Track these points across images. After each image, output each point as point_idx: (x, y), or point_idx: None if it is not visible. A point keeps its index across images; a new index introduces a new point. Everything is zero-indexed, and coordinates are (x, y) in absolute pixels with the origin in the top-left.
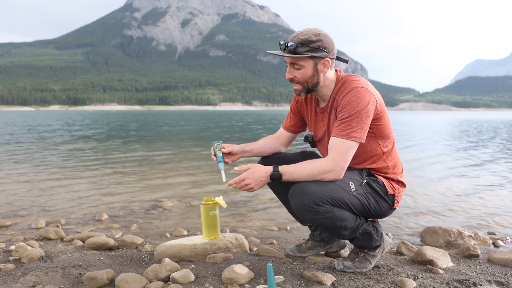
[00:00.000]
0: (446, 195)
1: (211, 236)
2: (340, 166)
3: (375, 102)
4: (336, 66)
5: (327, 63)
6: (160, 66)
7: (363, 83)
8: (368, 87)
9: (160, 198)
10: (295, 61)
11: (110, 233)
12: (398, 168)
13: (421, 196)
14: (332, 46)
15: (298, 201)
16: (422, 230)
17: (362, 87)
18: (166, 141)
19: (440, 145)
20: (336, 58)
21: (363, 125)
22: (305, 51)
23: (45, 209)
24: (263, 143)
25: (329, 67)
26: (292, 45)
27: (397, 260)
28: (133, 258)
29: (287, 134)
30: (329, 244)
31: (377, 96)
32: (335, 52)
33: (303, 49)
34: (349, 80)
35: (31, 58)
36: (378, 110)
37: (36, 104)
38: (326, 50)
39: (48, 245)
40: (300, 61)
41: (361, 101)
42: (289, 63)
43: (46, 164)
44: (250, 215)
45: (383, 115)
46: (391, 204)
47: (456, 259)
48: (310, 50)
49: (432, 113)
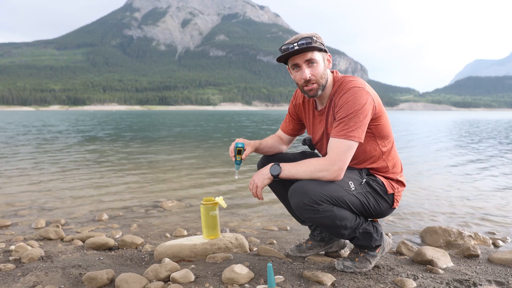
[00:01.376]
0: (446, 195)
1: (211, 236)
2: (338, 166)
3: (372, 102)
4: (332, 67)
5: (330, 58)
6: (160, 66)
7: (359, 83)
8: (365, 87)
9: (160, 198)
10: (312, 56)
11: (110, 233)
12: (397, 168)
13: (421, 196)
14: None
15: (298, 200)
16: (422, 230)
17: (359, 87)
18: (168, 141)
19: (440, 145)
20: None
21: (360, 124)
22: (316, 45)
23: (45, 209)
24: (271, 143)
25: (331, 63)
26: (304, 42)
27: (397, 260)
28: (133, 258)
29: (287, 136)
30: (329, 244)
31: (374, 96)
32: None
33: (315, 43)
34: (345, 81)
35: (31, 58)
36: (376, 110)
37: (36, 104)
38: (325, 48)
39: (48, 245)
40: (315, 55)
41: (358, 101)
42: (304, 62)
43: (46, 163)
44: (250, 215)
45: (381, 115)
46: (391, 203)
47: (456, 259)
48: (319, 44)
49: (432, 113)
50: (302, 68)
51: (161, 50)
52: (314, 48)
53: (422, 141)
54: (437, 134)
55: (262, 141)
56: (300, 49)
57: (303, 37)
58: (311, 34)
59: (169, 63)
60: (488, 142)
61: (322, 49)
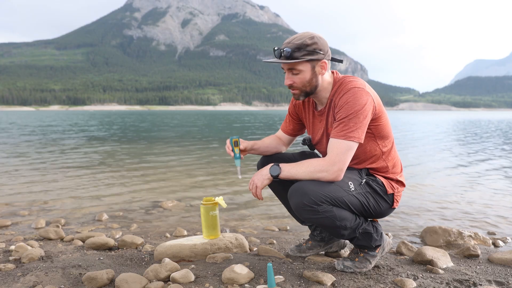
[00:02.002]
0: (447, 195)
1: (211, 236)
2: (337, 167)
3: (372, 103)
4: (332, 67)
5: (325, 64)
6: (160, 66)
7: (360, 84)
8: (365, 88)
9: (160, 198)
10: (293, 66)
11: (110, 233)
12: (397, 168)
13: (421, 196)
14: (326, 48)
15: (297, 201)
16: (422, 230)
17: (359, 87)
18: (167, 141)
19: (442, 144)
20: (331, 59)
21: (360, 125)
22: (302, 55)
23: (45, 209)
24: (268, 142)
25: (326, 68)
26: (288, 51)
27: (397, 260)
28: (133, 258)
29: (287, 137)
30: (329, 244)
31: (374, 96)
32: (329, 53)
33: (300, 53)
34: (346, 81)
35: (31, 58)
36: (376, 110)
37: (36, 104)
38: (322, 52)
39: (48, 245)
40: (298, 66)
41: (358, 101)
42: (287, 69)
43: (47, 163)
44: (250, 215)
45: (381, 115)
46: (391, 203)
47: (456, 259)
48: (307, 53)
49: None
50: (286, 74)
51: (161, 50)
52: (295, 59)
53: (424, 140)
54: (439, 134)
55: (257, 141)
56: (282, 59)
57: (291, 44)
58: (306, 38)
59: (169, 63)
60: (491, 142)
61: (310, 59)
